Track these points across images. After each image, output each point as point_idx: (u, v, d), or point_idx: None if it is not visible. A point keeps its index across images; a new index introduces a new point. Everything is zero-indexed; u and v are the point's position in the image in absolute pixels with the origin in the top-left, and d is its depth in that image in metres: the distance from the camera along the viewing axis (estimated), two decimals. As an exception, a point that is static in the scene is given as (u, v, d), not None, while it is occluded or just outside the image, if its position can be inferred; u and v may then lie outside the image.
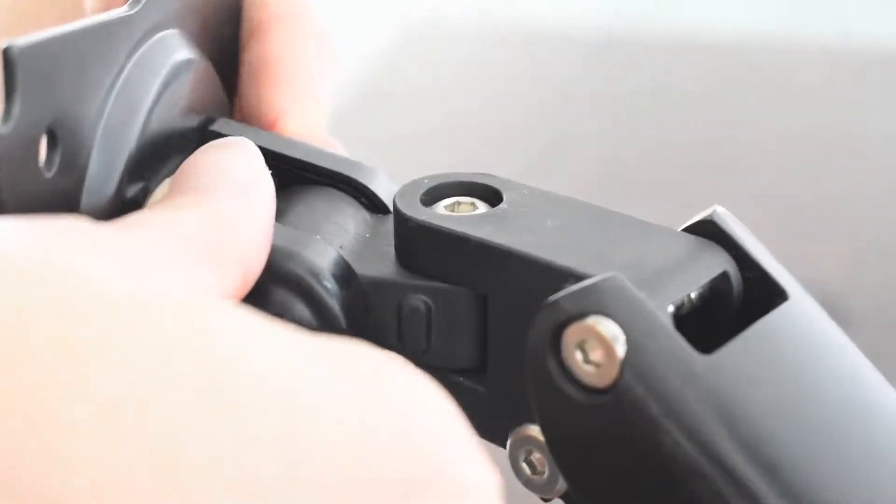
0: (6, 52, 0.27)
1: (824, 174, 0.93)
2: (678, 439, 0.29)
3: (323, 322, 0.32)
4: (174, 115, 0.34)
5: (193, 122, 0.35)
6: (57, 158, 0.29)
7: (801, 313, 0.31)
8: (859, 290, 0.78)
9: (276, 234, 0.32)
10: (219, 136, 0.36)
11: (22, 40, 0.27)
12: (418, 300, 0.32)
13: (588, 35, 1.18)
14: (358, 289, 0.32)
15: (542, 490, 0.32)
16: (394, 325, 0.33)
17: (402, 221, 0.33)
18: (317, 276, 0.31)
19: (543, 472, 0.32)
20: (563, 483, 0.31)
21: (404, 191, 0.33)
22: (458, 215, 0.33)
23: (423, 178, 0.34)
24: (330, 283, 0.32)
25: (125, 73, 0.32)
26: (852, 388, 0.31)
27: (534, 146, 0.96)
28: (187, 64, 0.34)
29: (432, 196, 0.33)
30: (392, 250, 0.33)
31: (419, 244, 0.33)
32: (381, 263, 0.33)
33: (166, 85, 0.33)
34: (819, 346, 0.31)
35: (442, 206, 0.33)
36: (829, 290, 0.73)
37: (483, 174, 0.34)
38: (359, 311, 0.32)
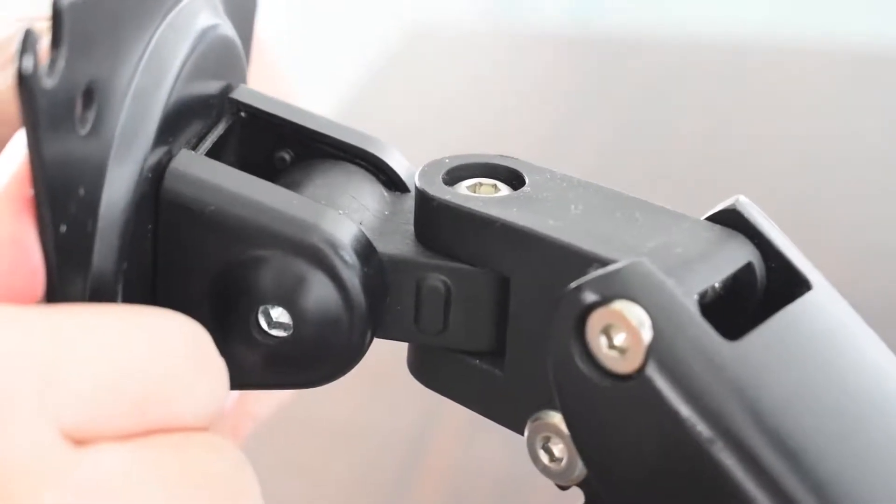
0: (55, 4, 0.27)
1: (825, 172, 0.94)
2: (702, 427, 0.29)
3: (343, 296, 0.31)
4: (199, 80, 0.33)
5: (216, 88, 0.35)
6: (91, 118, 0.28)
7: (825, 303, 0.31)
8: (862, 289, 0.78)
9: (296, 205, 0.31)
10: (239, 104, 0.35)
11: None
12: (438, 280, 0.32)
13: (588, 35, 1.18)
14: (378, 266, 0.32)
15: (559, 477, 0.31)
16: (411, 304, 0.32)
17: (424, 200, 0.32)
18: (336, 248, 0.31)
19: (562, 460, 0.31)
20: (582, 470, 0.31)
21: (426, 170, 0.33)
22: (482, 196, 0.32)
23: (445, 157, 0.33)
24: (350, 257, 0.31)
25: (157, 35, 0.31)
26: (876, 378, 0.31)
27: (533, 146, 0.96)
28: (213, 29, 0.34)
29: (454, 176, 0.33)
30: (411, 229, 0.33)
31: (441, 224, 0.32)
32: (400, 242, 0.33)
33: (193, 49, 0.32)
34: (842, 335, 0.31)
35: (464, 187, 0.33)
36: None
37: (505, 156, 0.34)
38: (378, 289, 0.32)
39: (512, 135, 0.97)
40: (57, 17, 0.27)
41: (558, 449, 0.31)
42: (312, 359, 0.32)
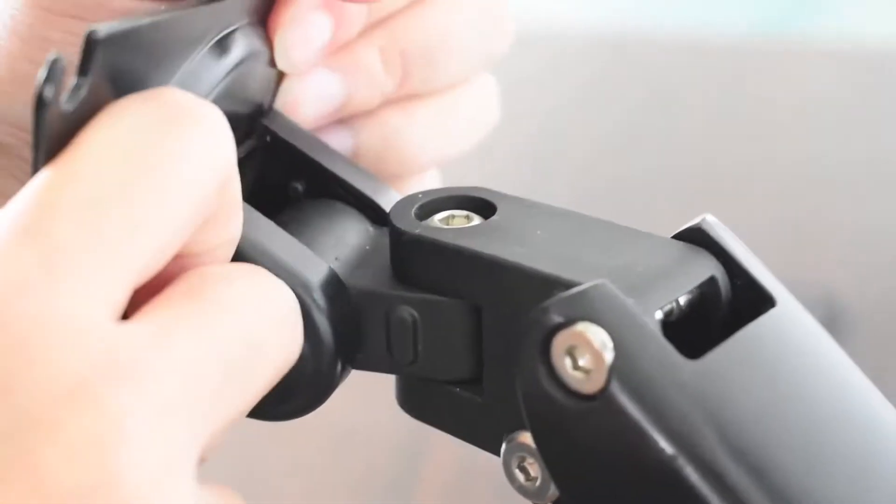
0: (89, 35, 0.27)
1: (826, 174, 0.93)
2: (665, 445, 0.29)
3: (310, 337, 0.32)
4: (229, 104, 0.34)
5: (245, 110, 0.36)
6: None
7: (789, 319, 0.32)
8: (862, 290, 0.78)
9: (276, 243, 0.33)
10: (267, 129, 0.37)
11: (106, 27, 0.28)
12: (405, 311, 0.33)
13: (588, 36, 1.18)
14: (347, 303, 0.33)
15: (535, 496, 0.32)
16: (383, 335, 0.33)
17: (396, 234, 0.33)
18: (310, 292, 0.32)
19: (536, 479, 0.32)
20: (556, 489, 0.32)
21: (399, 205, 0.34)
22: (451, 228, 0.33)
23: (418, 192, 0.35)
24: (320, 299, 0.32)
25: (194, 60, 0.32)
26: (839, 392, 0.31)
27: (535, 147, 0.96)
28: (252, 55, 0.35)
29: (426, 210, 0.34)
30: (388, 262, 0.34)
31: (413, 257, 0.33)
32: (375, 275, 0.34)
33: (228, 74, 0.33)
34: (806, 350, 0.32)
35: (437, 220, 0.34)
36: (831, 291, 0.74)
37: (477, 188, 0.35)
38: (348, 325, 0.33)
39: (512, 135, 0.97)
40: (88, 48, 0.28)
41: (533, 468, 0.32)
42: (281, 393, 0.33)
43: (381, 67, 0.38)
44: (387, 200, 0.36)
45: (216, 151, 0.29)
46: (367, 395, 0.62)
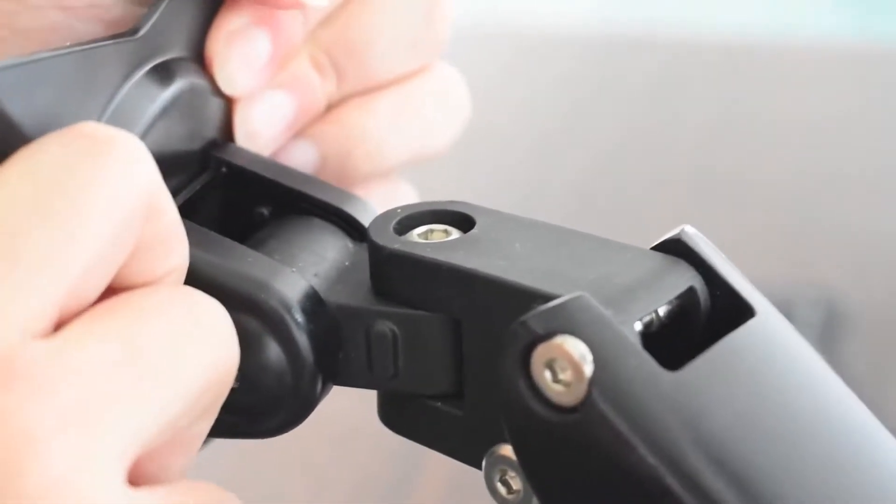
0: None
1: (826, 174, 0.93)
2: (646, 456, 0.29)
3: (289, 354, 0.32)
4: (172, 140, 0.34)
5: (195, 146, 0.36)
6: None
7: (768, 329, 0.32)
8: (862, 290, 0.78)
9: (252, 262, 0.33)
10: (220, 160, 0.37)
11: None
12: (385, 326, 0.33)
13: (586, 35, 1.18)
14: (327, 320, 0.33)
15: (517, 509, 0.32)
16: (363, 351, 0.33)
17: (375, 250, 0.33)
18: (288, 308, 0.32)
19: (518, 492, 0.32)
20: (538, 502, 0.32)
21: (378, 220, 0.34)
22: (430, 242, 0.33)
23: (397, 208, 0.35)
24: (300, 316, 0.32)
25: (118, 98, 0.32)
26: (819, 402, 0.31)
27: (531, 147, 0.96)
28: (191, 90, 0.35)
29: (405, 225, 0.34)
30: (368, 278, 0.34)
31: (392, 272, 0.33)
32: (354, 291, 0.34)
33: (165, 111, 0.34)
34: (786, 360, 0.32)
35: (415, 235, 0.34)
36: (831, 291, 0.74)
37: (455, 202, 0.35)
38: (328, 341, 0.33)
39: (513, 136, 0.97)
40: None
41: (514, 482, 0.32)
42: (261, 410, 0.33)
43: (314, 72, 0.38)
44: (365, 216, 0.36)
45: (132, 178, 0.29)
46: (367, 395, 0.62)
